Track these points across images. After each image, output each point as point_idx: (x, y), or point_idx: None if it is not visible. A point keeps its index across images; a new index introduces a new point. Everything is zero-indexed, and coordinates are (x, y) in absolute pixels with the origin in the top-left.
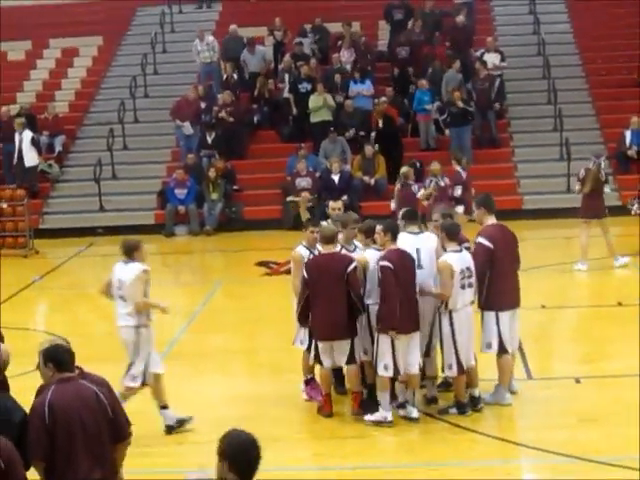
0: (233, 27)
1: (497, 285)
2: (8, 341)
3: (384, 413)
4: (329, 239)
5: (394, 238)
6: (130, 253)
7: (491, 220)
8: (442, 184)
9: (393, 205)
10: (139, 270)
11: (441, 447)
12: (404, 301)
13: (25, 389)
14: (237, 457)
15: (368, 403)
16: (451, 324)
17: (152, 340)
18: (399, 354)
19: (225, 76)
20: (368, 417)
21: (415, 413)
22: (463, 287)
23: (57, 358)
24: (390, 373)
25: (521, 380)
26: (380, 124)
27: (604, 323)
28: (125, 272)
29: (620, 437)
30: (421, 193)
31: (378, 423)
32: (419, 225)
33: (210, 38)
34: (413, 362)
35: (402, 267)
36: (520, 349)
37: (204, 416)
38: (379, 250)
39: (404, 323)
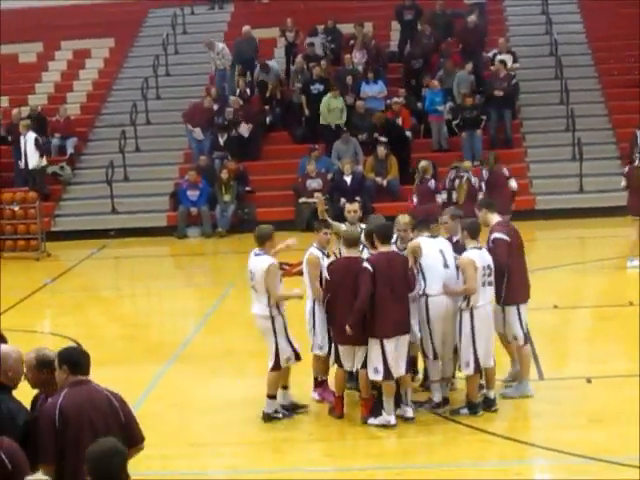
0: (246, 28)
1: (516, 278)
2: (17, 345)
3: (387, 417)
4: (353, 242)
5: (384, 241)
6: (262, 242)
7: (496, 218)
8: (473, 181)
9: (415, 199)
10: (268, 264)
11: (453, 448)
12: (391, 304)
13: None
14: (96, 464)
15: (375, 406)
16: (472, 322)
17: (285, 327)
18: (390, 357)
19: (238, 91)
20: (372, 420)
21: (410, 413)
22: (484, 285)
23: (72, 360)
24: (380, 377)
25: (533, 380)
26: (380, 132)
27: (616, 323)
28: (255, 264)
29: (632, 437)
30: (458, 187)
31: (381, 427)
32: (431, 230)
33: (220, 46)
34: (401, 364)
35: (387, 269)
36: (532, 349)
37: (216, 417)
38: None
39: (393, 326)
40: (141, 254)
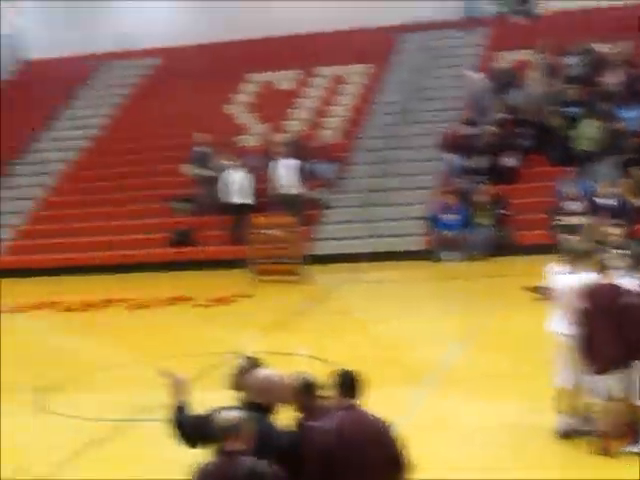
0: (501, 55)
1: None
2: (276, 367)
3: None
4: (608, 267)
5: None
6: (574, 260)
7: None
8: None
9: None
10: (580, 281)
11: None
12: None
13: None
14: None
15: (636, 433)
16: None
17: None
18: None
19: (495, 116)
20: (632, 449)
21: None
22: None
23: (347, 384)
24: None
25: None
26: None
27: None
28: (564, 281)
29: None
30: None
31: None
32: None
33: (475, 75)
34: None
35: None
36: None
37: (472, 441)
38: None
39: None
40: (398, 278)
